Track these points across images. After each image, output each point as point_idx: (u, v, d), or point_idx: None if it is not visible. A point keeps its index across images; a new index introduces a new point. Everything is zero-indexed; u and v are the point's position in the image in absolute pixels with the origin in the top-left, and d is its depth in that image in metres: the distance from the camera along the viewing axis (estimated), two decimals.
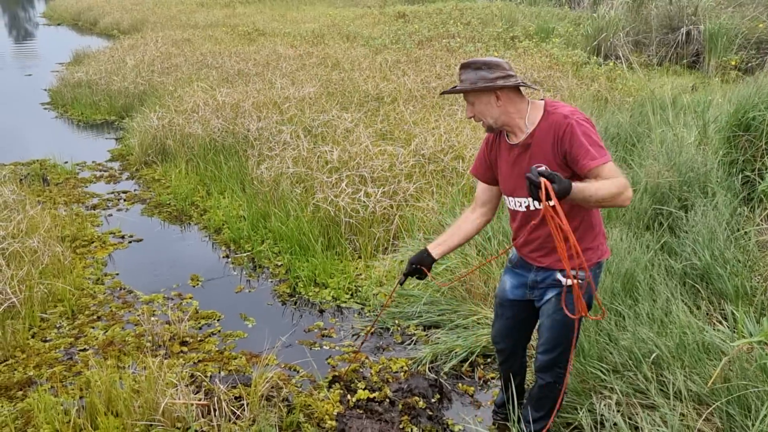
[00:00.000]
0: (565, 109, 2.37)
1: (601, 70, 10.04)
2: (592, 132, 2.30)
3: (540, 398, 2.84)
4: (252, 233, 5.50)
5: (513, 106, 2.41)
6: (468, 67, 2.41)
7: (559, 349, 2.65)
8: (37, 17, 31.94)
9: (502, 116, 2.43)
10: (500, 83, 2.36)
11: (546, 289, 2.60)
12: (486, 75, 2.36)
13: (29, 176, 7.16)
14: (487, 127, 2.50)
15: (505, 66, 2.39)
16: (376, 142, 6.27)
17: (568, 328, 2.56)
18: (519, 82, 2.39)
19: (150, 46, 13.50)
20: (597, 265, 2.58)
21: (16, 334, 4.00)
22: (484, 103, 2.42)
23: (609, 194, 2.19)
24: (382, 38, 13.43)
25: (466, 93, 2.45)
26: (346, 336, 4.16)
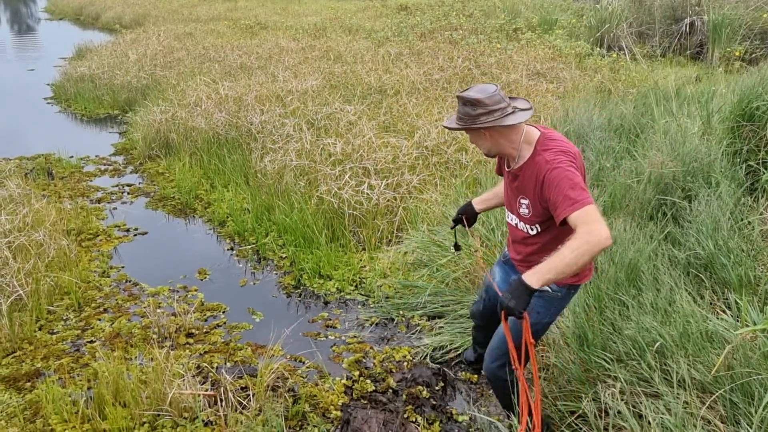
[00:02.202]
0: (550, 153, 2.37)
1: (604, 62, 10.02)
2: (573, 174, 2.27)
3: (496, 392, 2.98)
4: (256, 226, 5.52)
5: (503, 138, 2.46)
6: (459, 100, 2.47)
7: (504, 348, 2.68)
8: (39, 12, 31.93)
9: (494, 147, 2.51)
10: (479, 124, 2.40)
11: None
12: (470, 112, 2.41)
13: (34, 170, 7.19)
14: (485, 153, 2.60)
15: (488, 102, 2.38)
16: (379, 135, 6.28)
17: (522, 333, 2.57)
18: (498, 121, 2.38)
19: (152, 40, 13.50)
20: (573, 286, 2.66)
21: (23, 327, 4.03)
22: (474, 136, 2.51)
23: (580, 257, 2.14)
24: (384, 31, 13.40)
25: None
26: (351, 327, 4.18)
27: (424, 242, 4.59)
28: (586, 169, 5.15)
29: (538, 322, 2.65)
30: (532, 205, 2.49)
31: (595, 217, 2.18)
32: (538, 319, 2.63)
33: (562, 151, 2.36)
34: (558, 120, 6.50)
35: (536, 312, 2.61)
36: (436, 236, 4.63)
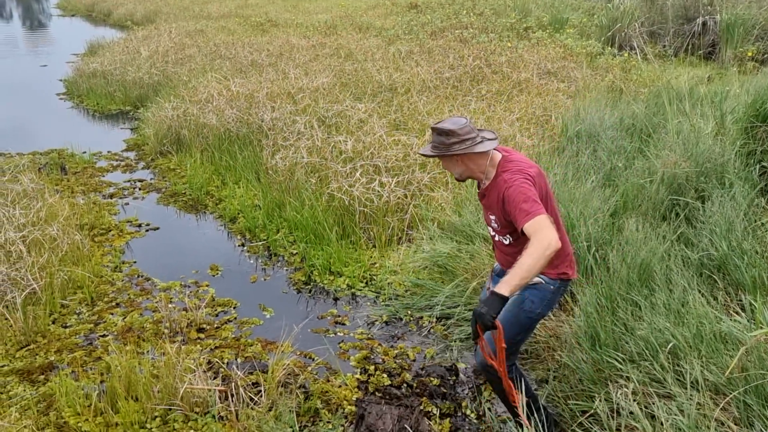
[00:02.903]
0: (508, 173, 2.69)
1: (615, 61, 9.96)
2: (528, 189, 2.59)
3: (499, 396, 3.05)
4: (267, 222, 5.54)
5: (472, 163, 2.79)
6: (433, 131, 2.80)
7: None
8: (51, 8, 32.10)
9: (465, 172, 2.84)
10: (453, 151, 2.72)
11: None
12: (444, 141, 2.74)
13: (47, 165, 7.24)
14: (456, 178, 2.92)
15: (461, 132, 2.71)
16: (389, 132, 6.28)
17: (516, 324, 2.82)
18: (469, 148, 2.71)
19: (164, 37, 13.55)
20: (564, 280, 2.87)
21: (37, 320, 4.06)
22: (447, 163, 2.85)
23: (536, 261, 2.45)
24: (395, 29, 13.39)
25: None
26: (360, 324, 4.19)
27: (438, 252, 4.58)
28: (596, 168, 5.16)
29: (532, 311, 2.82)
30: (498, 220, 2.81)
31: (543, 225, 2.51)
32: (532, 308, 2.82)
33: (518, 170, 2.68)
34: (569, 119, 6.49)
35: (530, 301, 2.81)
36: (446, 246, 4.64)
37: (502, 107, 7.22)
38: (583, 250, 3.89)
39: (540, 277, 2.79)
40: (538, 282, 2.80)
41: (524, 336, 2.95)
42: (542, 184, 2.73)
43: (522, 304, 2.81)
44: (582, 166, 5.22)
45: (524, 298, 2.81)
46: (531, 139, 6.22)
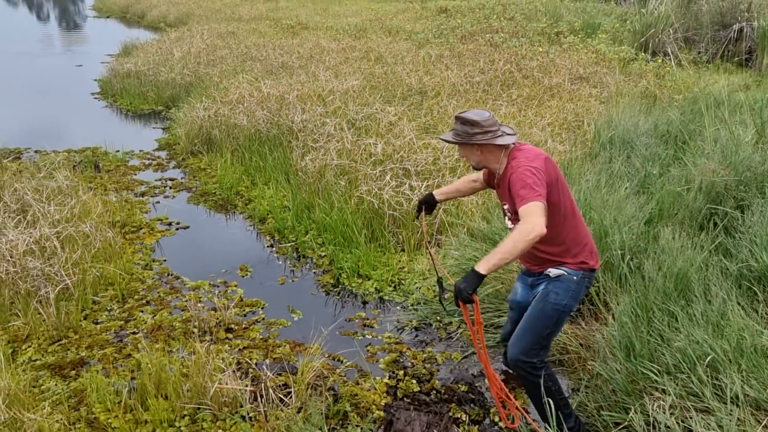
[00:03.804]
0: (515, 161, 2.82)
1: (649, 67, 9.81)
2: (529, 177, 2.70)
3: (529, 395, 3.06)
4: (296, 224, 5.55)
5: (490, 154, 2.93)
6: (458, 120, 2.95)
7: (526, 337, 2.92)
8: (87, 10, 32.76)
9: (482, 161, 2.98)
10: (476, 140, 2.86)
11: (539, 285, 2.99)
12: (468, 130, 2.89)
13: (82, 163, 7.36)
14: (473, 165, 3.05)
15: (484, 123, 2.86)
16: (419, 136, 6.26)
17: (543, 317, 2.89)
18: (490, 140, 2.85)
19: (196, 39, 13.72)
20: (587, 271, 2.92)
21: (69, 316, 4.11)
22: (467, 151, 2.99)
23: (516, 244, 2.57)
24: (425, 32, 13.37)
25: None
26: (389, 328, 4.16)
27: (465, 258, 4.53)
28: (630, 175, 5.07)
29: (557, 303, 2.86)
30: (510, 208, 2.91)
31: (532, 211, 2.60)
32: (557, 300, 2.87)
33: (524, 158, 2.80)
34: (602, 125, 6.39)
35: (554, 293, 2.87)
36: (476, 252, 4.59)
37: (533, 112, 7.15)
38: (617, 257, 3.81)
39: (561, 268, 2.88)
40: (560, 274, 2.88)
41: (553, 330, 2.95)
42: (551, 170, 2.81)
43: (547, 296, 2.88)
44: (615, 173, 5.14)
45: (548, 291, 2.89)
46: (563, 145, 6.14)
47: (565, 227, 2.88)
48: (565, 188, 2.89)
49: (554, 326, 2.93)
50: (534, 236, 2.55)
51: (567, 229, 2.89)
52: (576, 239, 2.92)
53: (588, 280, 2.96)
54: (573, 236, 2.91)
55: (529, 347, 2.91)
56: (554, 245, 2.88)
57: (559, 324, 2.95)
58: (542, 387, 2.91)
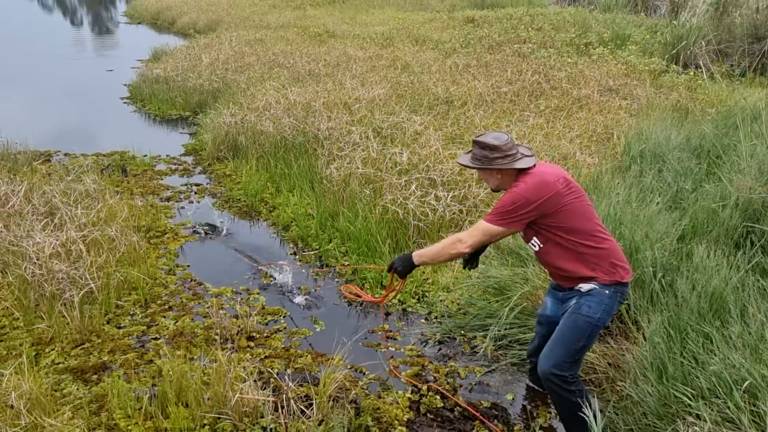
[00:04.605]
0: (518, 185, 2.89)
1: (680, 80, 9.63)
2: (510, 204, 2.85)
3: (559, 411, 3.07)
4: (320, 232, 5.52)
5: (509, 177, 3.00)
6: (476, 144, 3.00)
7: (558, 350, 2.92)
8: (119, 16, 33.35)
9: (501, 184, 3.05)
10: (496, 165, 2.93)
11: (570, 299, 2.99)
12: (487, 155, 2.95)
13: (110, 167, 7.43)
14: (491, 188, 3.13)
15: (504, 147, 2.91)
16: (446, 146, 6.20)
17: (576, 329, 2.89)
18: (510, 164, 2.91)
19: (224, 45, 13.83)
20: (618, 285, 2.91)
21: (92, 319, 4.12)
22: (486, 175, 3.06)
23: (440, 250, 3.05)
24: (452, 42, 13.32)
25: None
26: (412, 341, 4.10)
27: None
28: (662, 189, 4.95)
29: (590, 316, 2.86)
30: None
31: (474, 230, 2.96)
32: (590, 312, 2.86)
33: (524, 185, 2.86)
34: (632, 138, 6.27)
35: (587, 305, 2.87)
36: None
37: (561, 124, 7.05)
38: (648, 275, 3.71)
39: (592, 283, 2.88)
40: (591, 288, 2.88)
41: (586, 343, 2.93)
42: (560, 196, 2.83)
43: (579, 309, 2.89)
44: (646, 187, 5.02)
45: (581, 304, 2.89)
46: (592, 157, 6.03)
47: (588, 246, 2.88)
48: (582, 209, 2.89)
49: (587, 340, 2.91)
50: (455, 253, 2.98)
51: (591, 247, 2.89)
52: (603, 255, 2.89)
53: (621, 295, 2.94)
54: (598, 253, 2.89)
55: (562, 361, 2.90)
56: (579, 265, 2.90)
57: (591, 338, 2.94)
58: (574, 401, 2.89)
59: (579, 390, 2.94)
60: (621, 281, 2.91)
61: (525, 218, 2.86)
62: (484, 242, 3.00)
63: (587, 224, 2.89)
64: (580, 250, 2.88)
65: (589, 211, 2.94)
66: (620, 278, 2.90)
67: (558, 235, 2.88)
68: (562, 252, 2.91)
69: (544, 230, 2.90)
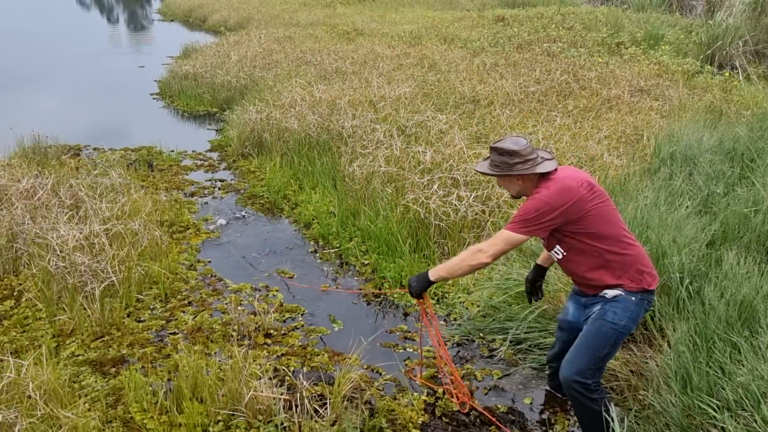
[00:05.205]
0: (539, 191, 2.80)
1: (715, 81, 9.38)
2: (533, 211, 2.75)
3: (580, 419, 3.00)
4: (341, 230, 5.49)
5: (530, 182, 2.90)
6: (494, 151, 2.91)
7: (581, 356, 2.84)
8: (153, 14, 33.86)
9: (522, 190, 2.95)
10: (516, 171, 2.84)
11: (595, 305, 2.91)
12: (507, 161, 2.85)
13: (137, 161, 7.51)
14: (512, 195, 3.02)
15: (523, 152, 2.82)
16: (470, 145, 6.12)
17: (601, 336, 2.81)
18: (530, 169, 2.81)
19: (253, 43, 13.90)
20: (645, 292, 2.83)
21: (113, 312, 4.16)
22: (506, 181, 2.96)
23: (460, 263, 2.91)
24: (480, 41, 13.19)
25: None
26: (431, 343, 4.03)
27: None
28: (692, 193, 4.81)
29: (616, 323, 2.78)
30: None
31: (497, 239, 2.83)
32: (615, 319, 2.78)
33: (547, 191, 2.76)
34: (663, 140, 6.12)
35: (613, 312, 2.79)
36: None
37: (589, 124, 6.91)
38: (675, 281, 3.59)
39: (618, 290, 2.79)
40: (617, 294, 2.80)
41: (610, 351, 2.86)
42: (585, 202, 2.75)
43: (604, 315, 2.81)
44: (676, 191, 4.89)
45: (606, 310, 2.82)
46: (620, 159, 5.90)
47: (613, 253, 2.80)
48: (608, 214, 2.81)
49: (611, 347, 2.84)
50: (476, 264, 2.85)
51: (617, 254, 2.81)
52: (629, 262, 2.81)
53: (647, 302, 2.86)
54: (624, 260, 2.81)
55: (585, 367, 2.83)
56: (604, 273, 2.82)
57: (616, 345, 2.86)
58: (596, 409, 2.82)
59: (601, 398, 2.86)
60: (648, 288, 2.82)
61: (549, 225, 2.77)
62: (505, 251, 2.89)
63: (613, 229, 2.81)
64: (605, 257, 2.80)
65: (614, 215, 2.86)
66: (647, 285, 2.82)
67: (583, 242, 2.79)
68: (586, 259, 2.83)
69: (568, 237, 2.82)
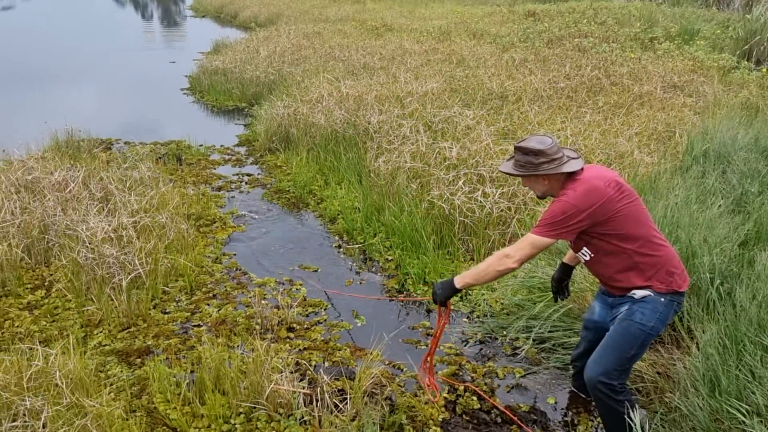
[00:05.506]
0: (566, 192, 2.73)
1: (752, 77, 9.14)
2: (559, 214, 2.70)
3: (604, 421, 2.95)
4: (365, 225, 5.49)
5: (557, 182, 2.84)
6: (519, 150, 2.84)
7: (607, 357, 2.79)
8: (185, 10, 34.34)
9: (548, 190, 2.89)
10: (542, 170, 2.77)
11: (622, 305, 2.85)
12: (532, 160, 2.79)
13: (166, 155, 7.62)
14: (537, 196, 2.97)
15: (549, 152, 2.76)
16: (497, 141, 6.06)
17: (628, 337, 2.75)
18: (557, 168, 2.75)
19: (282, 38, 13.99)
20: (675, 294, 2.76)
21: (139, 304, 4.22)
22: (532, 181, 2.90)
23: (487, 268, 2.86)
24: (510, 36, 13.06)
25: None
26: (452, 339, 4.01)
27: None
28: (725, 192, 4.69)
29: (644, 324, 2.72)
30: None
31: (523, 243, 2.79)
32: (643, 320, 2.72)
33: (573, 192, 2.70)
34: (695, 137, 5.97)
35: (641, 313, 2.73)
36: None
37: (619, 121, 6.79)
38: (705, 281, 3.51)
39: (647, 290, 2.73)
40: (646, 295, 2.74)
41: (638, 352, 2.80)
42: (613, 202, 2.68)
43: (632, 315, 2.75)
44: (708, 189, 4.77)
45: (634, 310, 2.75)
46: (651, 156, 5.78)
47: (643, 255, 2.74)
48: (637, 214, 2.74)
49: (638, 349, 2.78)
50: (503, 269, 2.82)
51: (646, 255, 2.74)
52: (659, 263, 2.74)
53: (677, 304, 2.80)
54: (654, 261, 2.74)
55: (611, 369, 2.78)
56: (633, 275, 2.76)
57: (643, 347, 2.81)
58: (621, 411, 2.77)
59: (627, 400, 2.80)
60: (678, 290, 2.76)
61: (576, 228, 2.70)
62: (533, 255, 2.83)
63: (642, 230, 2.74)
64: (635, 259, 2.73)
65: (644, 215, 2.79)
66: (677, 287, 2.75)
67: (611, 244, 2.73)
68: (615, 261, 2.77)
69: (596, 239, 2.75)
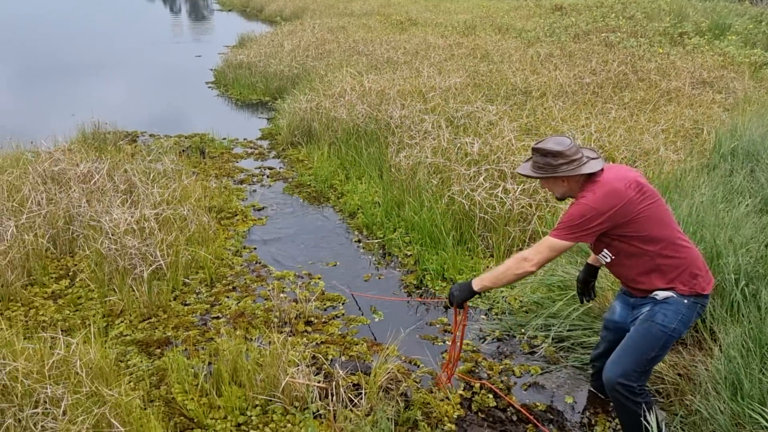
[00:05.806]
0: (586, 195, 2.68)
1: None
2: (578, 217, 2.65)
3: (622, 423, 2.90)
4: (385, 220, 5.48)
5: (576, 183, 2.79)
6: (537, 152, 2.80)
7: (627, 358, 2.74)
8: (213, 4, 34.66)
9: (567, 192, 2.85)
10: (561, 172, 2.73)
11: (644, 305, 2.80)
12: (551, 162, 2.75)
13: (189, 148, 7.69)
14: (557, 197, 2.93)
15: (568, 153, 2.71)
16: (519, 137, 5.99)
17: (649, 338, 2.70)
18: (576, 170, 2.70)
19: (307, 32, 14.02)
20: (698, 296, 2.70)
21: (160, 295, 4.27)
22: (551, 183, 2.86)
23: (505, 271, 2.83)
24: (536, 31, 12.92)
25: None
26: (470, 336, 3.99)
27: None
28: (753, 191, 4.58)
29: (665, 325, 2.68)
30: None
31: (542, 246, 2.74)
32: (665, 321, 2.68)
33: (593, 195, 2.66)
34: (724, 134, 5.85)
35: (662, 314, 2.68)
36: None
37: (645, 117, 6.67)
38: (729, 283, 3.43)
39: (670, 291, 2.68)
40: (668, 296, 2.69)
41: (658, 354, 2.74)
42: (632, 205, 2.62)
43: (654, 317, 2.70)
44: (735, 188, 4.67)
45: (655, 312, 2.70)
46: (677, 154, 5.67)
47: (665, 257, 2.68)
48: (660, 215, 2.68)
49: (659, 350, 2.72)
50: (522, 272, 2.78)
51: (669, 257, 2.68)
52: (683, 265, 2.68)
53: (700, 306, 2.73)
54: (677, 263, 2.68)
55: (630, 370, 2.72)
56: (655, 277, 2.71)
57: (664, 349, 2.75)
58: (640, 414, 2.71)
59: (646, 402, 2.75)
60: (701, 293, 2.69)
61: (596, 231, 2.65)
62: (551, 258, 2.78)
63: (665, 231, 2.67)
64: (657, 261, 2.67)
65: (666, 216, 2.72)
66: (701, 290, 2.68)
67: (633, 246, 2.67)
68: (636, 263, 2.71)
69: (617, 241, 2.69)
